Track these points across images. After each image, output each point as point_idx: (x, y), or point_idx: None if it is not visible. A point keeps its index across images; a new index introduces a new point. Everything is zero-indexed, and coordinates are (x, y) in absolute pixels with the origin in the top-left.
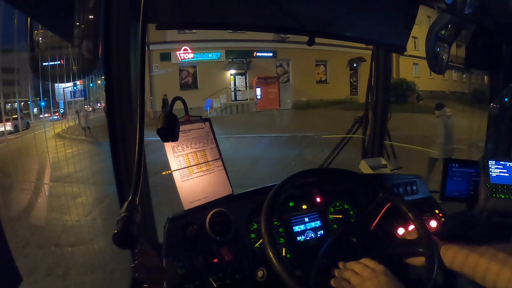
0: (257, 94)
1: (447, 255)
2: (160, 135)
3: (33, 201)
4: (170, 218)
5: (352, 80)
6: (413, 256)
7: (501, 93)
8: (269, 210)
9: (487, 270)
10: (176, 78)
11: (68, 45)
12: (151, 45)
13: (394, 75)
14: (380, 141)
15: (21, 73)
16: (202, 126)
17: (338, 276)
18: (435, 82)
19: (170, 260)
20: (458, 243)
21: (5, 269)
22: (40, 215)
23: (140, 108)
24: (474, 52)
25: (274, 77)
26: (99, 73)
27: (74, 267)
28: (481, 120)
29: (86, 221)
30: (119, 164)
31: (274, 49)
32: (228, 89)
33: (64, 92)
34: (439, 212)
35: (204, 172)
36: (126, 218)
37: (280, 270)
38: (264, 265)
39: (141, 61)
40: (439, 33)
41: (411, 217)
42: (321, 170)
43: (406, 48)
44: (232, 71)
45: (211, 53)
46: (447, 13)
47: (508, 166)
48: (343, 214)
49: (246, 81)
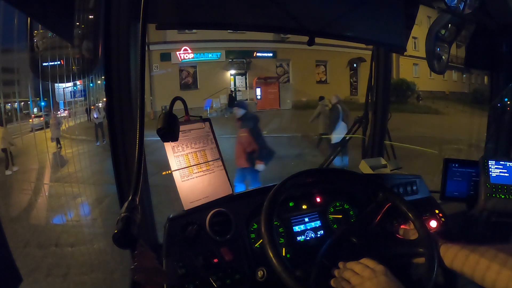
0: (257, 94)
1: (447, 255)
2: (160, 135)
3: (34, 201)
4: (170, 218)
5: (352, 81)
6: (413, 256)
7: (501, 93)
8: (269, 210)
9: (486, 270)
10: (176, 78)
11: (68, 45)
12: (151, 45)
13: (394, 75)
14: (380, 141)
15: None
16: (202, 126)
17: (338, 276)
18: (435, 82)
19: (170, 260)
20: (458, 243)
21: (5, 269)
22: (41, 215)
23: (140, 108)
24: (474, 52)
25: (274, 77)
26: (99, 73)
27: (74, 267)
28: (481, 120)
29: (86, 221)
30: (119, 164)
31: (274, 49)
32: (228, 89)
33: (64, 92)
34: (439, 212)
35: (204, 172)
36: (126, 218)
37: (280, 270)
38: (264, 265)
39: (141, 61)
40: (439, 33)
41: (411, 217)
42: (321, 170)
43: (406, 48)
44: (232, 71)
45: (211, 53)
46: (447, 13)
47: (508, 166)
48: (343, 214)
49: (246, 81)
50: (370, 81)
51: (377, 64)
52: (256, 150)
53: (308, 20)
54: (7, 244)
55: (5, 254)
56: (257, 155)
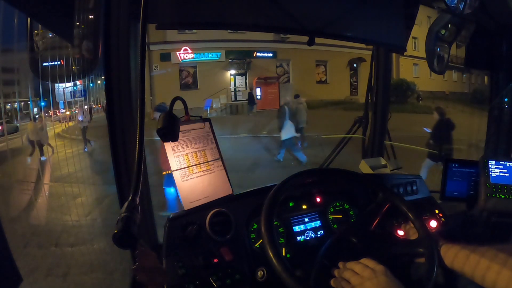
0: (257, 94)
1: (448, 255)
2: (160, 135)
3: (33, 201)
4: (170, 218)
5: (352, 81)
6: (413, 256)
7: (501, 93)
8: (269, 210)
9: (487, 270)
10: (176, 78)
11: (68, 45)
12: (151, 45)
13: (394, 75)
14: (380, 141)
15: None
16: (202, 126)
17: (338, 276)
18: (435, 82)
19: (170, 260)
20: (459, 243)
21: (5, 269)
22: (40, 215)
23: (140, 108)
24: (474, 52)
25: (274, 77)
26: (99, 73)
27: (74, 267)
28: (481, 120)
29: (86, 221)
30: (119, 164)
31: (274, 49)
32: (228, 89)
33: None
34: (439, 212)
35: (204, 172)
36: (126, 218)
37: (280, 270)
38: (264, 265)
39: (141, 61)
40: (439, 33)
41: (411, 217)
42: (321, 170)
43: (406, 48)
44: (232, 71)
45: (211, 53)
46: (447, 13)
47: (508, 166)
48: (343, 214)
49: (246, 81)
50: (370, 81)
51: (377, 64)
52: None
53: (308, 20)
54: (7, 244)
55: (5, 254)
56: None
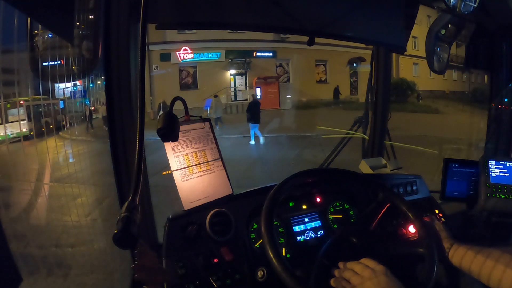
0: (257, 94)
1: (456, 255)
2: (160, 135)
3: (33, 201)
4: (170, 218)
5: (352, 80)
6: (413, 257)
7: (501, 93)
8: (269, 210)
9: (492, 269)
10: (176, 78)
11: (68, 45)
12: (151, 45)
13: (394, 75)
14: (380, 141)
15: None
16: (202, 126)
17: (338, 276)
18: (435, 81)
19: (170, 260)
20: (467, 244)
21: (5, 269)
22: (40, 216)
23: (140, 108)
24: (474, 52)
25: (274, 77)
26: (99, 73)
27: (74, 267)
28: (481, 120)
29: (86, 222)
30: (119, 164)
31: (274, 49)
32: (228, 89)
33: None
34: (439, 212)
35: (204, 172)
36: (126, 218)
37: (280, 270)
38: (264, 265)
39: (141, 61)
40: (439, 33)
41: (411, 217)
42: (321, 170)
43: (406, 48)
44: (232, 71)
45: (211, 53)
46: (447, 13)
47: (508, 166)
48: (343, 214)
49: (246, 81)
50: (370, 81)
51: (377, 64)
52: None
53: (308, 20)
54: (7, 244)
55: (5, 254)
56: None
